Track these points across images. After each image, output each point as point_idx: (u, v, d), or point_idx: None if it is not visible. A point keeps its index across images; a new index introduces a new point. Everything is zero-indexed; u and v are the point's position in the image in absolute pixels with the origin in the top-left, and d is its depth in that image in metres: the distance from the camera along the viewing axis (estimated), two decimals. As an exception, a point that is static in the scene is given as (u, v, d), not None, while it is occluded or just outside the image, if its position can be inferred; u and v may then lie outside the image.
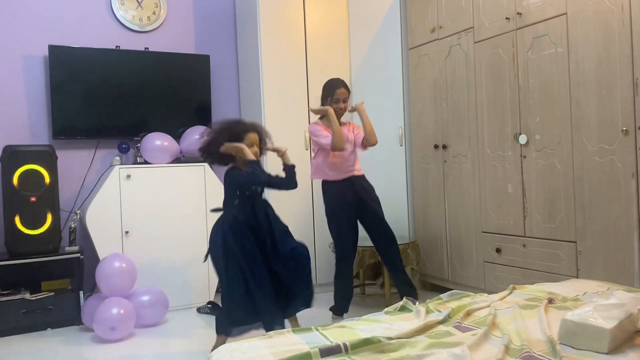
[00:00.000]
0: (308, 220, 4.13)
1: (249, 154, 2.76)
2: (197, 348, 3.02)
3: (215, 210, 2.99)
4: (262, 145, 2.93)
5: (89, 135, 3.98)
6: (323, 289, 4.17)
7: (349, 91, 3.35)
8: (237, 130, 2.86)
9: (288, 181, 2.92)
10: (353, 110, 3.33)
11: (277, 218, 2.93)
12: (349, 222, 3.28)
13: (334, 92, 3.27)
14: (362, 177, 3.36)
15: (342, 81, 3.35)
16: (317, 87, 4.28)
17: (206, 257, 2.96)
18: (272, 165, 3.55)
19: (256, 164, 2.79)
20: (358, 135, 3.32)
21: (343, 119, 3.35)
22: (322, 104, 3.33)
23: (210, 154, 2.89)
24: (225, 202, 2.91)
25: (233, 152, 2.78)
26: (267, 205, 2.94)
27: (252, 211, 2.85)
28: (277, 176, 2.91)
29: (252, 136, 2.86)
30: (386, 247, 3.35)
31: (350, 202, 3.26)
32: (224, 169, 3.55)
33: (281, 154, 2.96)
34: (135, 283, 3.44)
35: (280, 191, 3.10)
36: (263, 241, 2.84)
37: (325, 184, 3.33)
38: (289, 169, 2.93)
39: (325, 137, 3.21)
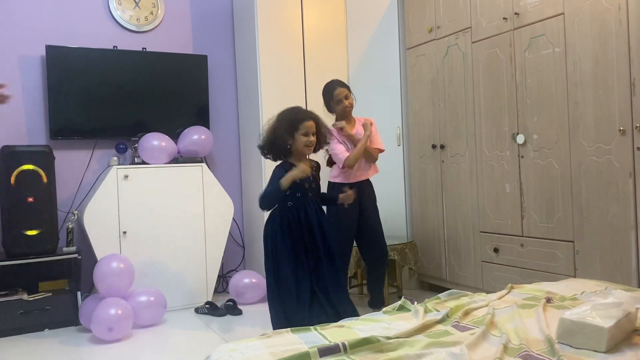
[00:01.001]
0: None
1: (301, 172, 2.64)
2: (195, 348, 3.01)
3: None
4: (319, 135, 2.78)
5: (86, 136, 3.97)
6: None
7: (347, 87, 3.34)
8: (292, 118, 2.72)
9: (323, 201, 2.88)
10: (368, 125, 3.30)
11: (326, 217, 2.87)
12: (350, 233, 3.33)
13: (333, 95, 3.29)
14: (368, 181, 3.39)
15: (337, 80, 3.37)
16: (315, 86, 4.30)
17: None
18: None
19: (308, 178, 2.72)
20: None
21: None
22: (328, 109, 3.35)
23: (270, 151, 2.78)
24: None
25: (296, 178, 2.65)
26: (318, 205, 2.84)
27: (304, 211, 2.75)
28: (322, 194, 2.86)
29: (309, 124, 2.72)
30: (375, 265, 3.42)
31: (354, 209, 3.25)
32: (223, 170, 3.56)
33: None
34: (133, 283, 3.43)
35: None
36: (314, 241, 2.75)
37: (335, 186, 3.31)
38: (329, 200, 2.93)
39: (341, 152, 3.23)
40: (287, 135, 2.70)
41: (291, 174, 2.63)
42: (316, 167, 2.89)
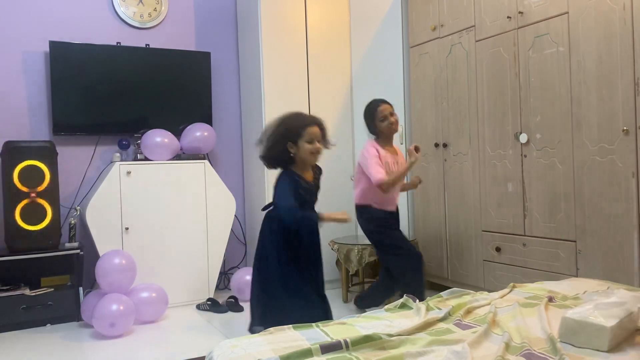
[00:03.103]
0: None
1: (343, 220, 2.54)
2: (197, 345, 3.02)
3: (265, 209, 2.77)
4: (324, 141, 2.63)
5: (89, 132, 3.98)
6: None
7: (390, 104, 3.18)
8: (295, 125, 2.56)
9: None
10: (413, 151, 3.05)
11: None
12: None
13: (376, 112, 3.11)
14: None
15: (380, 99, 3.21)
16: (318, 84, 4.31)
17: None
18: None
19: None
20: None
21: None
22: (370, 131, 3.18)
23: (270, 160, 2.64)
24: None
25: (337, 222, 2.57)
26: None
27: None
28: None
29: (313, 130, 2.55)
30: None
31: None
32: (225, 167, 3.55)
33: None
34: (134, 279, 3.44)
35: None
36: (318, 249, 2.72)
37: (371, 211, 3.18)
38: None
39: (380, 170, 2.99)
40: (290, 143, 2.55)
41: (336, 217, 2.54)
42: (318, 171, 2.77)
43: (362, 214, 3.23)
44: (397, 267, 3.18)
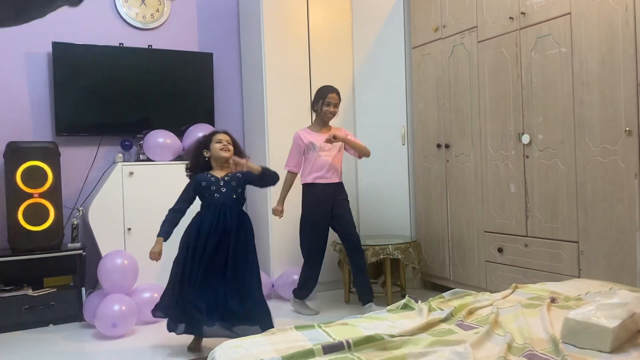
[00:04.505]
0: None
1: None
2: (199, 345, 3.02)
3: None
4: (236, 147, 3.00)
5: (91, 132, 3.99)
6: (325, 287, 4.18)
7: (340, 99, 3.56)
8: (203, 139, 2.98)
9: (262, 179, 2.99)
10: (333, 140, 3.42)
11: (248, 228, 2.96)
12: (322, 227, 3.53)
13: (327, 96, 3.49)
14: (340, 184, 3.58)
15: (336, 88, 3.56)
16: (320, 85, 4.29)
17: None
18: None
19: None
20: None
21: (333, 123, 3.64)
22: (313, 107, 3.62)
23: (193, 170, 3.00)
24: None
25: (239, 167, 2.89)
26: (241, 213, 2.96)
27: (223, 216, 2.88)
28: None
29: (220, 136, 2.95)
30: (353, 253, 3.51)
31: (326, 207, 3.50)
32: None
33: (246, 167, 2.92)
34: (137, 280, 3.44)
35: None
36: (226, 247, 2.86)
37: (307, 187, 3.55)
38: (263, 172, 2.95)
39: (289, 159, 3.58)
40: (204, 150, 2.94)
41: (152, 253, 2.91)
42: (235, 172, 2.98)
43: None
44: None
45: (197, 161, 2.97)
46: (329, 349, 1.54)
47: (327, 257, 4.17)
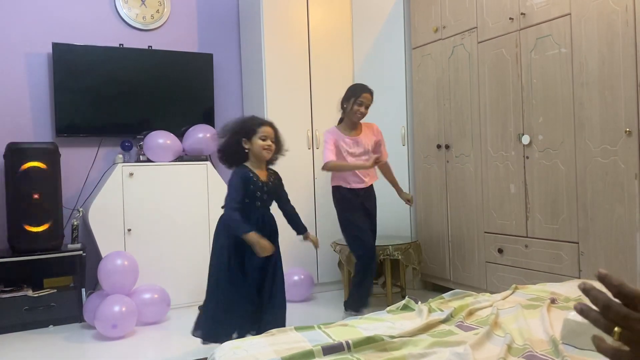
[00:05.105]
0: (310, 219, 4.13)
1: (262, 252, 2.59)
2: (199, 346, 3.01)
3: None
4: (277, 143, 2.79)
5: (92, 133, 3.99)
6: (325, 287, 4.18)
7: (372, 101, 3.32)
8: (250, 123, 2.74)
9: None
10: (377, 163, 3.26)
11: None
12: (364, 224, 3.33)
13: (360, 95, 3.25)
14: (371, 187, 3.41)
15: (371, 89, 3.33)
16: (320, 85, 4.30)
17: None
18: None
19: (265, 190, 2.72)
20: (376, 144, 3.40)
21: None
22: (343, 105, 3.32)
23: (226, 154, 2.77)
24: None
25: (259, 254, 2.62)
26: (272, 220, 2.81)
27: (262, 229, 2.69)
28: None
29: (266, 129, 2.72)
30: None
31: (361, 207, 3.34)
32: (227, 170, 3.45)
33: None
34: (137, 281, 3.44)
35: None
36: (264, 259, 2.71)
37: (340, 190, 3.34)
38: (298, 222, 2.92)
39: (328, 153, 3.22)
40: (244, 139, 2.71)
41: (258, 245, 2.56)
42: (276, 177, 2.86)
43: (333, 195, 3.38)
44: (352, 249, 3.35)
45: (235, 150, 2.72)
46: (328, 350, 1.54)
47: (327, 258, 4.18)
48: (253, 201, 2.69)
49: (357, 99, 3.24)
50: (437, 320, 1.84)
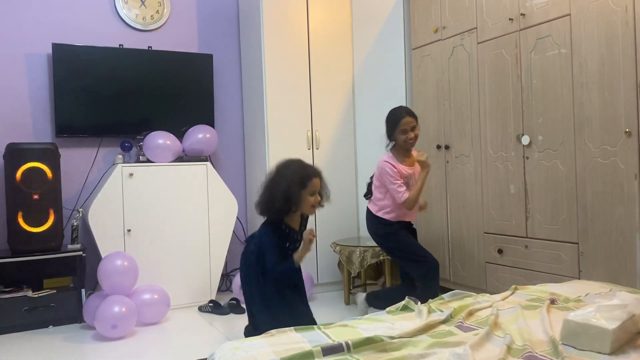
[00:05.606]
0: (310, 219, 4.12)
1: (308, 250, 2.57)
2: (199, 347, 3.02)
3: None
4: (322, 190, 2.68)
5: (91, 134, 3.99)
6: (325, 288, 4.18)
7: (415, 117, 3.14)
8: (301, 174, 2.58)
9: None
10: (423, 163, 3.10)
11: None
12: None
13: (399, 123, 3.09)
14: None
15: (406, 108, 3.19)
16: (320, 86, 4.31)
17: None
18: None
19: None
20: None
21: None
22: (389, 138, 3.17)
23: (269, 208, 2.64)
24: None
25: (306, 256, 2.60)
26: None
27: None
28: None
29: (316, 182, 2.61)
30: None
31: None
32: (227, 169, 3.47)
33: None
34: (136, 281, 3.44)
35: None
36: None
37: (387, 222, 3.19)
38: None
39: (402, 190, 3.05)
40: (297, 194, 2.56)
41: (303, 252, 2.55)
42: (305, 217, 2.85)
43: (378, 223, 3.21)
44: (416, 272, 3.16)
45: (284, 202, 2.56)
46: (328, 350, 1.54)
47: (327, 258, 4.18)
48: (284, 251, 2.67)
49: (397, 127, 3.09)
50: (437, 320, 1.84)
